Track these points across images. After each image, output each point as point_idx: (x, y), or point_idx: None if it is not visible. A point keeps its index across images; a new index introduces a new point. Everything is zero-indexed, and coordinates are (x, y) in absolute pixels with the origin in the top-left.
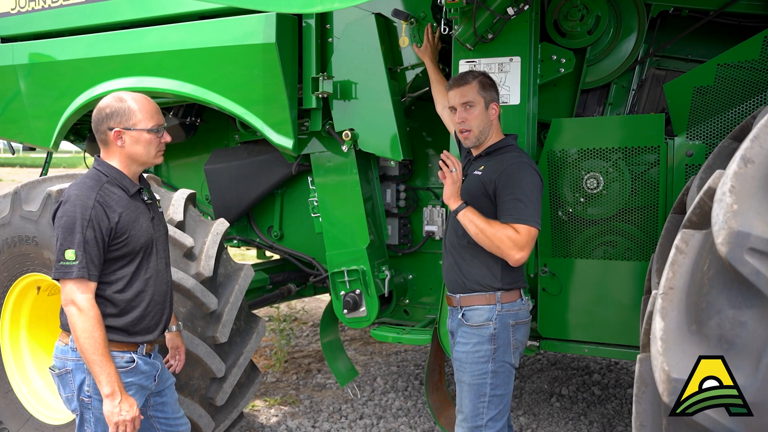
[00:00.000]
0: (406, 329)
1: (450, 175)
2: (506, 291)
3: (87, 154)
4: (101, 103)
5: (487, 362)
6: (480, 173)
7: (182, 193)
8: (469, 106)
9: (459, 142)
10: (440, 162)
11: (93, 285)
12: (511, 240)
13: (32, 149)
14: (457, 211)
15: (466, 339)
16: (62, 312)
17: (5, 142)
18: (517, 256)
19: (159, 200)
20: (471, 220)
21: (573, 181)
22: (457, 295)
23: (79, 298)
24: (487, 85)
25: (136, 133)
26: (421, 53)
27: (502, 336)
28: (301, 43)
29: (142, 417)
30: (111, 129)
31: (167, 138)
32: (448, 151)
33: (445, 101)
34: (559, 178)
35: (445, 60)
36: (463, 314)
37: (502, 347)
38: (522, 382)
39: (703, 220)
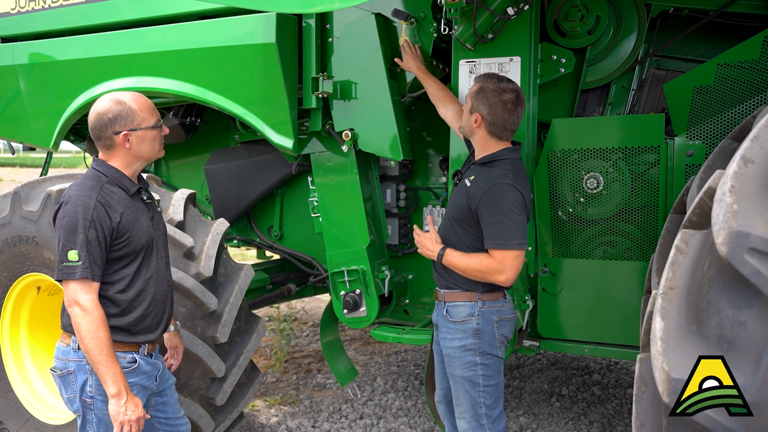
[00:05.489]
0: (406, 329)
1: (422, 244)
2: (488, 291)
3: (87, 154)
4: (99, 109)
5: (475, 355)
6: (469, 184)
7: (182, 193)
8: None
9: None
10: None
11: (96, 285)
12: (489, 268)
13: (32, 149)
14: (439, 260)
15: (452, 335)
16: (64, 313)
17: (5, 142)
18: (501, 279)
19: (158, 200)
20: (452, 264)
21: (573, 181)
22: (442, 291)
23: (83, 299)
24: (482, 94)
25: (142, 132)
26: (407, 66)
27: (487, 330)
28: (301, 43)
29: (148, 417)
30: (117, 133)
31: (166, 130)
32: (448, 151)
33: (447, 103)
34: (559, 178)
35: (445, 60)
36: (447, 310)
37: (487, 341)
38: (522, 382)
39: (703, 220)
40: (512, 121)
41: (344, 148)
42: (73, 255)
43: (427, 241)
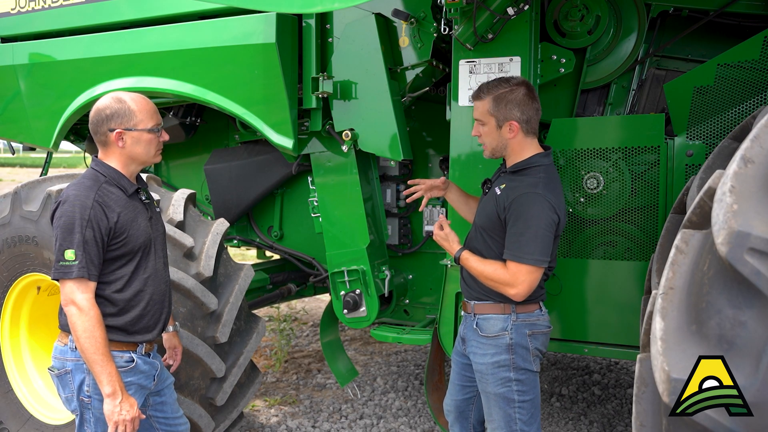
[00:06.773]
0: (406, 329)
1: (437, 239)
2: (522, 304)
3: (87, 154)
4: (99, 105)
5: (509, 371)
6: (499, 192)
7: (182, 193)
8: (481, 123)
9: None
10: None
11: (93, 285)
12: (502, 279)
13: (32, 149)
14: (457, 259)
15: (483, 350)
16: (61, 312)
17: (5, 142)
18: (511, 292)
19: (157, 200)
20: (467, 266)
21: (573, 181)
22: (472, 302)
23: (79, 298)
24: (503, 101)
25: (137, 133)
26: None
27: (521, 345)
28: (301, 43)
29: (143, 417)
30: (112, 130)
31: (165, 137)
32: (449, 154)
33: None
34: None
35: (445, 60)
36: (477, 323)
37: (521, 356)
38: None
39: (703, 220)
40: (539, 108)
41: (344, 148)
42: (69, 254)
43: (443, 241)
